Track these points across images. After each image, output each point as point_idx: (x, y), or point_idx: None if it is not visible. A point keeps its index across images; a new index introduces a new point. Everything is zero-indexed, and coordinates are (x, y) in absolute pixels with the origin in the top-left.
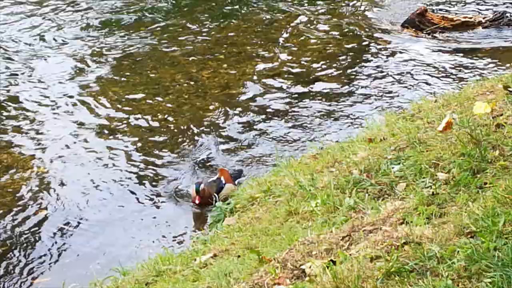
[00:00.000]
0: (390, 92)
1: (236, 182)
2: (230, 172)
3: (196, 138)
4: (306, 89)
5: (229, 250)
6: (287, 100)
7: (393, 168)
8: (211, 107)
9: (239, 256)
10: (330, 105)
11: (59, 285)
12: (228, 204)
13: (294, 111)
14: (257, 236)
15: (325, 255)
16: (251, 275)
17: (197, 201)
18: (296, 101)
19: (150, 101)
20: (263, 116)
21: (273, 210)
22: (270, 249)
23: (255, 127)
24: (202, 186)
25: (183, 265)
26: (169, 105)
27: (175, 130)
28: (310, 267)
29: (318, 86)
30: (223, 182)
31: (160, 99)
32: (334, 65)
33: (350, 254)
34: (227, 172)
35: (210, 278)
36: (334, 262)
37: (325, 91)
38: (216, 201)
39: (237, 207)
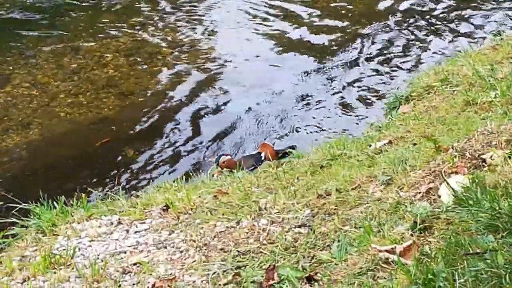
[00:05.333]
0: None
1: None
2: (280, 149)
3: None
4: None
5: (404, 138)
6: None
7: None
8: None
9: (415, 144)
10: None
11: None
12: (404, 92)
13: None
14: (433, 125)
15: (506, 146)
16: (427, 163)
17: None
18: None
19: None
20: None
21: (450, 100)
22: (447, 138)
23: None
24: (224, 158)
25: (358, 150)
26: None
27: None
28: (491, 157)
29: None
30: (262, 158)
31: None
32: None
33: None
34: (271, 148)
35: (385, 164)
36: None
37: None
38: None
39: (413, 95)
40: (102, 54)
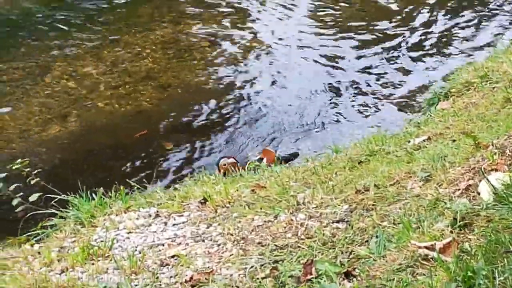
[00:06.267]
0: None
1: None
2: (282, 155)
3: None
4: None
5: (443, 134)
6: None
7: None
8: None
9: (454, 141)
10: None
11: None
12: (443, 88)
13: None
14: (473, 121)
15: None
16: (467, 159)
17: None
18: None
19: None
20: None
21: (490, 96)
22: (486, 135)
23: None
24: (223, 161)
25: (397, 146)
26: None
27: None
28: None
29: None
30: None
31: None
32: None
33: None
34: (273, 154)
35: (424, 160)
36: None
37: None
38: None
39: (452, 91)
40: (141, 46)
